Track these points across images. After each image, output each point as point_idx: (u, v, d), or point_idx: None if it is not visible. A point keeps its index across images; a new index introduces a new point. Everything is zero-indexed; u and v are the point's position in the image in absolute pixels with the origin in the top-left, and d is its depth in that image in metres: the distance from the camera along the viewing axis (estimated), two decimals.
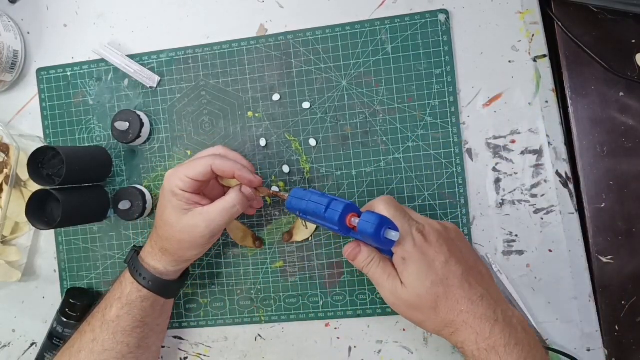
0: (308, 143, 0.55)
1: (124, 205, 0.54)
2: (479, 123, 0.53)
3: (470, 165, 0.53)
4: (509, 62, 0.52)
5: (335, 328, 0.55)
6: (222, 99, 0.56)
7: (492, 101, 0.53)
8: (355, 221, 0.43)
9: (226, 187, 0.50)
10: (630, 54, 0.50)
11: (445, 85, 0.53)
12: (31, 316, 0.60)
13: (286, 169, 0.55)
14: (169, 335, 0.57)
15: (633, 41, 0.50)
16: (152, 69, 0.57)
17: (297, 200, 0.47)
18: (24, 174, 0.57)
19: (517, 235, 0.52)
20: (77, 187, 0.54)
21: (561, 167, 0.51)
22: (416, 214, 0.46)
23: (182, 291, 0.57)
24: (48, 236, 0.60)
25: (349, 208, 0.43)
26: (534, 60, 0.52)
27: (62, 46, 0.60)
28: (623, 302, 0.50)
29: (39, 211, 0.51)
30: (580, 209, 0.51)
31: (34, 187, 0.54)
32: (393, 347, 0.54)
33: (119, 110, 0.57)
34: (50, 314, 0.57)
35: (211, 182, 0.51)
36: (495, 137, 0.52)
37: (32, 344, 0.60)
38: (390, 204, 0.44)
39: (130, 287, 0.49)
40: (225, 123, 0.56)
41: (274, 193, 0.50)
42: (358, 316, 0.54)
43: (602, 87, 0.50)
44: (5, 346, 0.61)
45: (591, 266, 0.50)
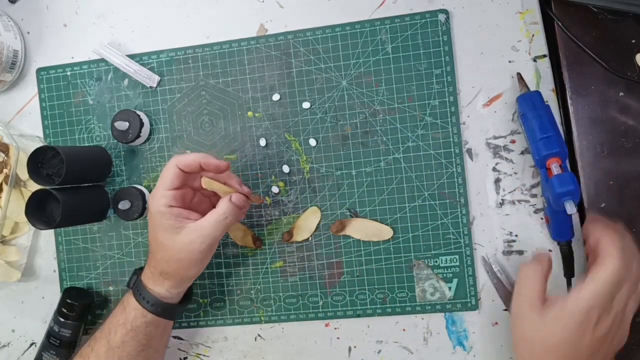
0: (308, 143, 0.55)
1: (124, 205, 0.54)
2: (479, 123, 0.53)
3: (470, 165, 0.53)
4: (509, 62, 0.52)
5: (335, 328, 0.55)
6: (222, 99, 0.56)
7: (492, 101, 0.53)
8: (554, 169, 0.45)
9: (214, 199, 0.50)
10: (630, 54, 0.50)
11: (445, 85, 0.53)
12: (31, 316, 0.60)
13: (286, 169, 0.55)
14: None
15: (633, 41, 0.50)
16: (152, 69, 0.57)
17: (530, 104, 0.48)
18: (24, 174, 0.57)
19: (517, 235, 0.52)
20: (77, 187, 0.54)
21: None
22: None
23: None
24: (48, 236, 0.60)
25: (561, 154, 0.46)
26: (534, 60, 0.52)
27: (62, 46, 0.60)
28: None
29: (39, 211, 0.51)
30: (580, 209, 0.51)
31: (34, 187, 0.54)
32: (393, 347, 0.54)
33: (119, 110, 0.57)
34: (49, 314, 0.57)
35: (197, 196, 0.51)
36: (495, 137, 0.52)
37: (32, 344, 0.60)
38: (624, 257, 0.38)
39: (134, 313, 0.48)
40: (225, 123, 0.56)
41: (262, 200, 0.51)
42: (358, 316, 0.54)
43: (602, 87, 0.50)
44: (4, 346, 0.61)
45: None
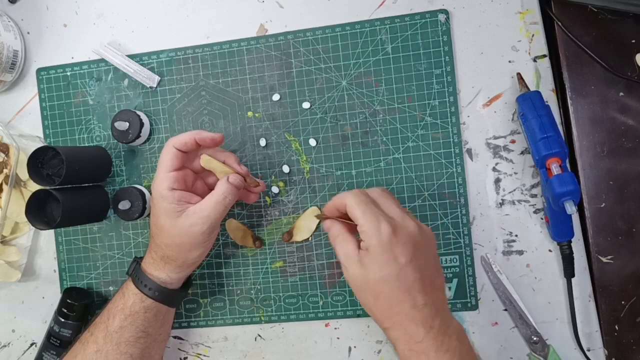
0: (308, 143, 0.55)
1: (124, 205, 0.54)
2: (479, 123, 0.53)
3: (470, 165, 0.53)
4: (509, 62, 0.52)
5: (335, 328, 0.55)
6: (222, 99, 0.56)
7: (492, 101, 0.53)
8: (554, 169, 0.46)
9: (213, 184, 0.50)
10: (630, 54, 0.50)
11: (445, 85, 0.53)
12: (31, 316, 0.60)
13: (286, 169, 0.55)
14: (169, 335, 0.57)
15: (633, 41, 0.50)
16: (152, 69, 0.57)
17: (530, 104, 0.48)
18: (24, 174, 0.57)
19: (517, 235, 0.52)
20: (77, 187, 0.54)
21: None
22: (395, 209, 0.43)
23: None
24: (48, 236, 0.60)
25: (560, 154, 0.46)
26: (534, 60, 0.52)
27: (62, 46, 0.60)
28: (623, 302, 0.50)
29: (39, 211, 0.51)
30: (580, 209, 0.51)
31: (34, 187, 0.54)
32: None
33: (119, 110, 0.57)
34: (50, 314, 0.57)
35: (198, 182, 0.51)
36: (495, 137, 0.52)
37: (32, 344, 0.60)
38: (359, 200, 0.43)
39: (133, 298, 0.48)
40: (225, 123, 0.56)
41: (257, 183, 0.50)
42: (358, 316, 0.54)
43: (602, 87, 0.50)
44: (5, 346, 0.61)
45: (591, 266, 0.50)
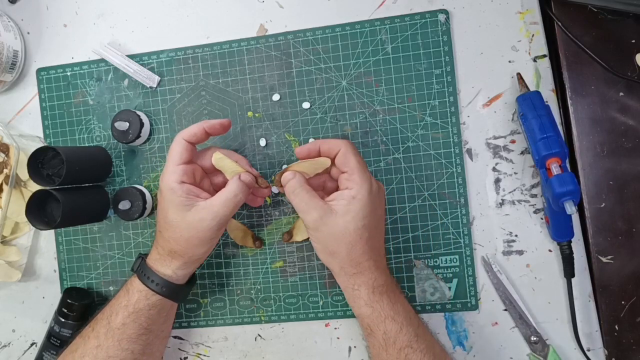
0: (308, 143, 0.55)
1: (124, 205, 0.54)
2: (479, 123, 0.53)
3: (470, 165, 0.53)
4: (509, 62, 0.52)
5: (335, 328, 0.55)
6: (222, 99, 0.56)
7: (492, 101, 0.53)
8: (554, 169, 0.46)
9: (223, 183, 0.50)
10: (630, 54, 0.50)
11: (445, 85, 0.53)
12: (31, 316, 0.60)
13: None
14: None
15: (633, 41, 0.50)
16: (152, 69, 0.57)
17: (530, 104, 0.48)
18: (24, 174, 0.57)
19: (517, 235, 0.52)
20: (77, 187, 0.54)
21: None
22: (367, 170, 0.47)
23: None
24: (48, 236, 0.60)
25: (560, 154, 0.46)
26: (534, 60, 0.52)
27: (62, 46, 0.60)
28: (623, 302, 0.50)
29: (39, 211, 0.51)
30: (580, 209, 0.51)
31: (34, 187, 0.54)
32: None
33: (119, 110, 0.57)
34: (50, 314, 0.57)
35: (206, 180, 0.51)
36: (495, 137, 0.52)
37: (32, 344, 0.60)
38: (355, 151, 0.46)
39: (137, 295, 0.48)
40: None
41: (267, 184, 0.50)
42: None
43: (602, 87, 0.50)
44: (5, 346, 0.61)
45: (591, 266, 0.50)
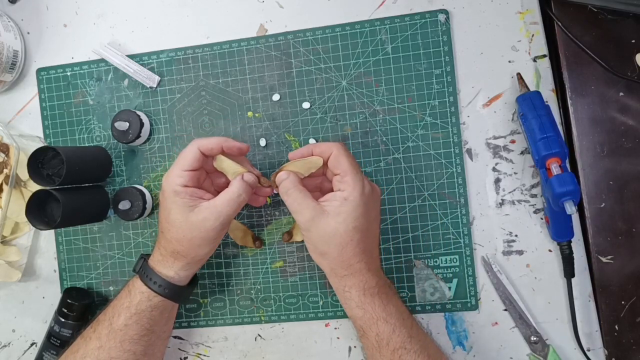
0: (308, 143, 0.55)
1: (124, 205, 0.54)
2: (479, 123, 0.53)
3: (470, 165, 0.53)
4: (509, 62, 0.52)
5: (335, 328, 0.55)
6: (222, 99, 0.56)
7: (492, 101, 0.53)
8: (554, 169, 0.46)
9: (225, 183, 0.50)
10: (630, 54, 0.50)
11: (445, 85, 0.53)
12: (31, 316, 0.60)
13: None
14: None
15: (633, 41, 0.50)
16: (152, 69, 0.57)
17: (530, 104, 0.48)
18: (24, 174, 0.57)
19: (517, 235, 0.52)
20: (77, 187, 0.54)
21: None
22: (362, 174, 0.47)
23: None
24: (48, 236, 0.60)
25: (560, 154, 0.46)
26: (534, 60, 0.52)
27: (62, 46, 0.60)
28: (623, 302, 0.50)
29: (39, 211, 0.51)
30: (580, 209, 0.51)
31: (34, 187, 0.54)
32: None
33: (119, 110, 0.57)
34: (50, 314, 0.57)
35: (207, 180, 0.51)
36: (495, 137, 0.52)
37: (32, 344, 0.60)
38: (348, 153, 0.46)
39: (140, 297, 0.48)
40: (225, 123, 0.56)
41: (269, 183, 0.49)
42: None
43: (602, 87, 0.50)
44: (5, 346, 0.61)
45: (591, 266, 0.50)
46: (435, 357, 0.46)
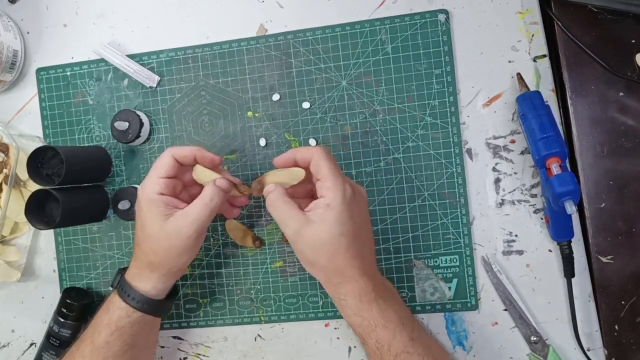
0: (308, 143, 0.55)
1: (124, 205, 0.54)
2: (479, 123, 0.53)
3: (470, 165, 0.53)
4: (509, 62, 0.52)
5: (335, 328, 0.55)
6: (222, 99, 0.56)
7: (492, 101, 0.53)
8: (554, 169, 0.46)
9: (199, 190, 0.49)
10: (630, 54, 0.50)
11: (445, 85, 0.53)
12: (30, 316, 0.60)
13: None
14: (169, 335, 0.57)
15: (633, 41, 0.50)
16: (152, 69, 0.57)
17: (530, 104, 0.48)
18: (24, 174, 0.57)
19: (517, 235, 0.52)
20: (77, 187, 0.54)
21: None
22: (343, 177, 0.46)
23: (182, 291, 0.57)
24: (47, 236, 0.60)
25: (560, 154, 0.46)
26: (534, 60, 0.52)
27: (62, 46, 0.60)
28: (623, 302, 0.50)
29: (39, 211, 0.51)
30: (580, 209, 0.51)
31: (34, 187, 0.54)
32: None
33: (119, 110, 0.57)
34: (49, 314, 0.57)
35: (184, 192, 0.51)
36: (495, 137, 0.52)
37: (32, 344, 0.60)
38: (329, 158, 0.45)
39: (119, 313, 0.47)
40: (225, 123, 0.56)
41: (250, 192, 0.49)
42: None
43: (602, 87, 0.50)
44: (4, 346, 0.61)
45: (591, 266, 0.50)
46: (439, 358, 0.45)
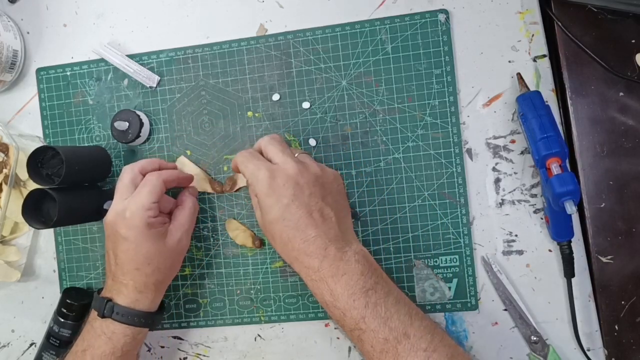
0: (308, 143, 0.55)
1: (109, 205, 0.54)
2: (479, 123, 0.53)
3: (470, 165, 0.53)
4: (509, 62, 0.52)
5: (335, 328, 0.55)
6: (222, 99, 0.56)
7: (492, 101, 0.53)
8: (554, 169, 0.46)
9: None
10: (630, 54, 0.50)
11: (445, 85, 0.53)
12: (30, 316, 0.60)
13: None
14: (169, 335, 0.57)
15: (633, 41, 0.50)
16: (152, 69, 0.57)
17: (530, 104, 0.48)
18: (24, 174, 0.57)
19: (517, 235, 0.52)
20: (74, 187, 0.54)
21: None
22: (278, 153, 0.46)
23: (182, 291, 0.57)
24: (47, 236, 0.60)
25: (560, 154, 0.46)
26: (534, 60, 0.52)
27: (62, 46, 0.60)
28: (623, 302, 0.50)
29: (36, 210, 0.51)
30: (580, 209, 0.51)
31: (34, 187, 0.54)
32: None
33: (119, 110, 0.57)
34: (49, 314, 0.57)
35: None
36: (495, 137, 0.52)
37: (32, 344, 0.60)
38: (242, 157, 0.47)
39: (124, 340, 0.47)
40: (225, 123, 0.56)
41: (222, 188, 0.56)
42: None
43: (602, 87, 0.50)
44: (4, 346, 0.61)
45: (591, 266, 0.50)
46: (395, 330, 0.42)
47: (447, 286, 0.52)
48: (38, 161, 0.51)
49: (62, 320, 0.55)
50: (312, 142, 0.55)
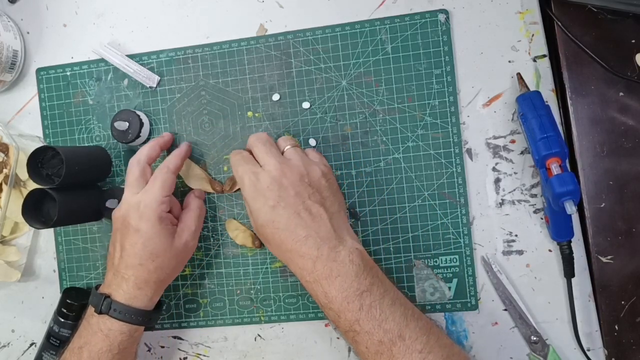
0: (308, 143, 0.55)
1: (112, 203, 0.55)
2: (479, 123, 0.53)
3: (470, 165, 0.53)
4: (509, 62, 0.52)
5: (335, 328, 0.55)
6: (222, 99, 0.56)
7: (492, 101, 0.53)
8: (554, 169, 0.45)
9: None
10: (630, 54, 0.50)
11: (445, 85, 0.53)
12: (30, 316, 0.60)
13: None
14: (169, 335, 0.57)
15: (633, 41, 0.50)
16: (152, 69, 0.57)
17: (530, 104, 0.48)
18: (24, 174, 0.57)
19: (517, 235, 0.52)
20: (74, 186, 0.54)
21: None
22: (264, 156, 0.46)
23: (182, 291, 0.57)
24: (47, 236, 0.60)
25: (560, 154, 0.46)
26: (534, 60, 0.52)
27: (62, 46, 0.60)
28: (623, 302, 0.50)
29: (36, 210, 0.51)
30: (580, 209, 0.51)
31: (34, 187, 0.54)
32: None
33: (119, 110, 0.57)
34: (49, 314, 0.57)
35: None
36: (495, 137, 0.52)
37: (32, 344, 0.60)
38: (233, 161, 0.48)
39: (121, 337, 0.47)
40: (225, 123, 0.56)
41: (222, 188, 0.56)
42: None
43: (602, 87, 0.50)
44: (4, 346, 0.61)
45: (591, 266, 0.50)
46: (389, 331, 0.41)
47: (447, 286, 0.53)
48: (38, 161, 0.51)
49: (62, 320, 0.55)
50: (312, 142, 0.55)
